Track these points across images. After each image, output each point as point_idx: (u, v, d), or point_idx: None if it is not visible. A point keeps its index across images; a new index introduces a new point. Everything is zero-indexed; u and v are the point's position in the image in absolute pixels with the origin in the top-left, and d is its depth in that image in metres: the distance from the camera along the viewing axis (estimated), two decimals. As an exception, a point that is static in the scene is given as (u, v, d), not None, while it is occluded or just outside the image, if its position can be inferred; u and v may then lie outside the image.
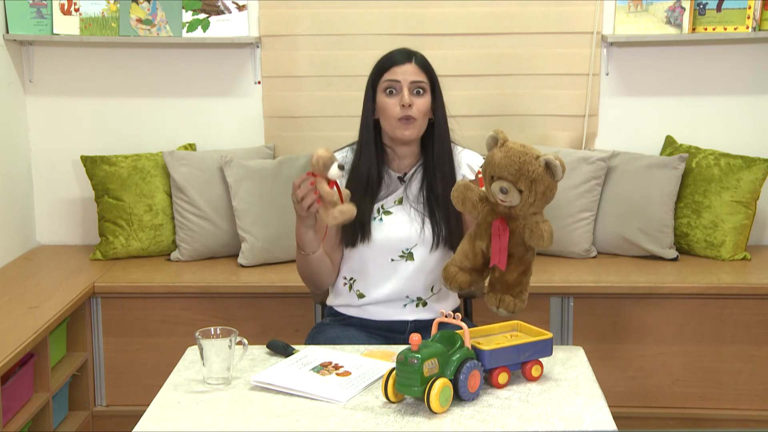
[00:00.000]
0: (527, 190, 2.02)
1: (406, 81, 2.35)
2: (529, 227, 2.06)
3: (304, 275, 2.41)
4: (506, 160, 2.02)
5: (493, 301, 2.15)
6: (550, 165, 2.01)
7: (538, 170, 2.01)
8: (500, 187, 2.04)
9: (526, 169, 2.01)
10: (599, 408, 1.84)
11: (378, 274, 2.41)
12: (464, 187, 2.16)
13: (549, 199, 2.06)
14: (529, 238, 2.07)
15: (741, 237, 3.43)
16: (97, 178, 3.50)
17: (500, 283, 2.15)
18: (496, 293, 2.15)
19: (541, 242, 2.06)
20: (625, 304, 3.21)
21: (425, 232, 2.39)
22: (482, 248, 2.14)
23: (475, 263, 2.16)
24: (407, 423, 1.77)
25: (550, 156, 2.01)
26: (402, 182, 2.44)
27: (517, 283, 2.14)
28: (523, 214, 2.07)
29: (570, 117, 3.67)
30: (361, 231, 2.38)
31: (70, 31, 3.57)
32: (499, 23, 3.63)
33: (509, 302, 2.13)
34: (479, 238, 2.14)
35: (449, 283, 2.19)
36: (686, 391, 3.25)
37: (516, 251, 2.10)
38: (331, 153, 2.10)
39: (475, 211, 2.14)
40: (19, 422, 2.70)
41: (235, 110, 3.73)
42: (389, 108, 2.36)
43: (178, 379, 2.01)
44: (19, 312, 2.92)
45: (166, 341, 3.24)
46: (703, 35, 3.53)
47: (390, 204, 2.42)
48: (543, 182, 2.02)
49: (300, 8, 3.63)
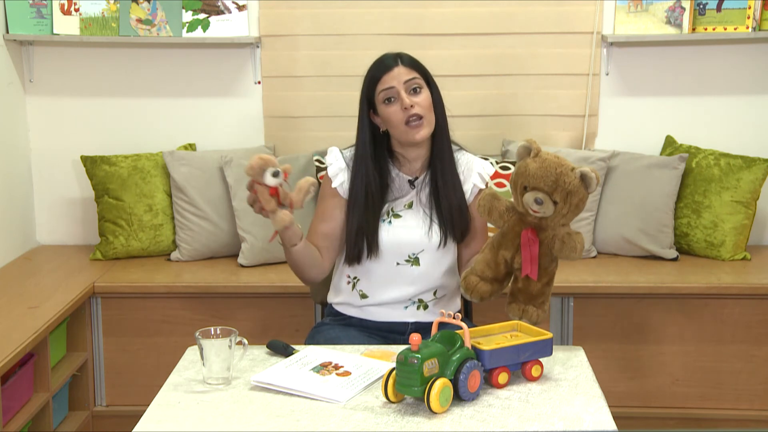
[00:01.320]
0: (562, 201, 2.02)
1: (400, 84, 2.34)
2: (560, 238, 2.04)
3: (292, 267, 2.39)
4: (542, 171, 2.01)
5: (516, 311, 2.15)
6: (585, 177, 2.01)
7: (575, 182, 2.01)
8: (535, 197, 2.02)
9: (562, 181, 2.00)
10: (599, 408, 1.84)
11: (383, 277, 2.40)
12: (491, 197, 2.14)
13: (580, 211, 2.06)
14: (560, 249, 2.05)
15: (741, 237, 3.43)
16: (97, 178, 3.50)
17: (523, 294, 2.14)
18: (519, 304, 2.15)
19: (573, 254, 2.04)
20: (625, 304, 3.21)
21: (432, 235, 2.38)
22: (506, 258, 2.13)
23: (497, 273, 2.15)
24: (407, 423, 1.77)
25: (586, 168, 2.01)
26: (412, 186, 2.43)
27: (540, 294, 2.14)
28: (552, 225, 2.06)
29: (570, 117, 3.67)
30: (368, 246, 2.36)
31: (70, 31, 3.57)
32: (499, 23, 3.63)
33: (532, 313, 2.13)
34: (504, 248, 2.12)
35: (470, 293, 2.18)
36: (686, 391, 3.25)
37: (542, 262, 2.09)
38: (265, 160, 2.04)
39: (501, 220, 2.12)
40: (19, 422, 2.70)
41: (235, 110, 3.73)
42: (394, 116, 2.33)
43: (178, 379, 2.01)
44: (19, 312, 2.92)
45: (166, 341, 3.24)
46: (703, 35, 3.53)
47: (400, 207, 2.41)
48: (578, 194, 2.02)
49: (300, 8, 3.63)
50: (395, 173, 2.42)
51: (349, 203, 2.39)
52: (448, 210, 2.38)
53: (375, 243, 2.36)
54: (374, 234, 2.36)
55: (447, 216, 2.38)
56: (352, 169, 2.40)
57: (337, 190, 2.41)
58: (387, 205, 2.40)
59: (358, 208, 2.36)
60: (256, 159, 2.05)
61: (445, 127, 2.42)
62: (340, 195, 2.41)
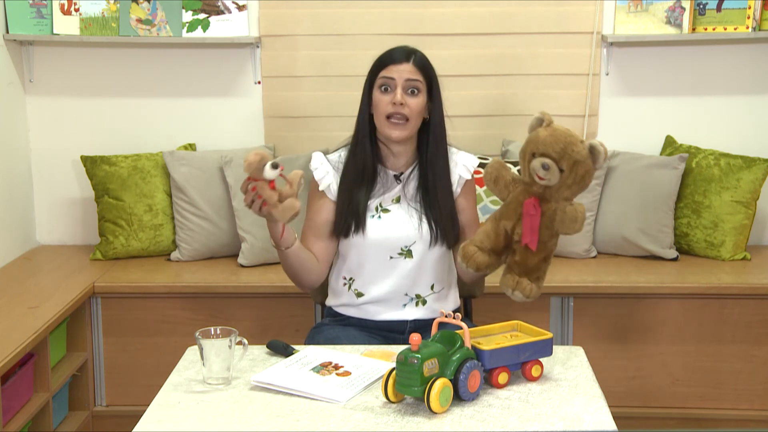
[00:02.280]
0: (568, 170, 2.02)
1: (401, 79, 2.35)
2: (561, 209, 2.03)
3: (289, 273, 2.40)
4: (552, 138, 2.03)
5: (510, 282, 2.11)
6: (594, 149, 2.02)
7: (583, 152, 2.02)
8: (542, 163, 2.02)
9: (570, 149, 2.01)
10: (599, 408, 1.84)
11: (376, 272, 2.41)
12: (499, 165, 2.13)
13: (584, 186, 2.05)
14: (561, 221, 2.03)
15: (741, 237, 3.43)
16: (97, 178, 3.50)
17: (519, 266, 2.11)
18: (513, 274, 2.11)
19: (574, 225, 2.03)
20: (625, 304, 3.21)
21: (423, 229, 2.39)
22: (507, 228, 2.10)
23: (496, 244, 2.12)
24: (407, 423, 1.77)
25: (596, 141, 2.02)
26: (398, 181, 2.44)
27: (537, 269, 2.11)
28: (556, 197, 2.05)
29: (570, 117, 3.67)
30: (355, 222, 2.38)
31: (70, 31, 3.57)
32: (499, 23, 3.63)
33: (526, 286, 2.09)
34: (505, 218, 2.10)
35: (467, 262, 2.14)
36: (686, 391, 3.25)
37: (542, 235, 2.06)
38: (261, 155, 2.06)
39: (506, 190, 2.12)
40: (19, 422, 2.70)
41: (235, 110, 3.73)
42: (381, 105, 2.36)
43: (178, 379, 2.01)
44: (19, 312, 2.92)
45: (166, 341, 3.24)
46: (703, 35, 3.53)
47: (388, 202, 2.42)
48: (584, 166, 2.02)
49: (300, 8, 3.63)
50: (381, 168, 2.44)
51: (343, 179, 2.41)
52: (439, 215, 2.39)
53: (363, 221, 2.38)
54: (363, 213, 2.38)
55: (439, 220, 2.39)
56: (351, 145, 2.43)
57: (325, 193, 2.42)
58: (375, 200, 2.41)
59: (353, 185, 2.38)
60: (252, 155, 2.06)
61: (441, 133, 2.42)
62: (329, 198, 2.42)
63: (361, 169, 2.40)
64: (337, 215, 2.40)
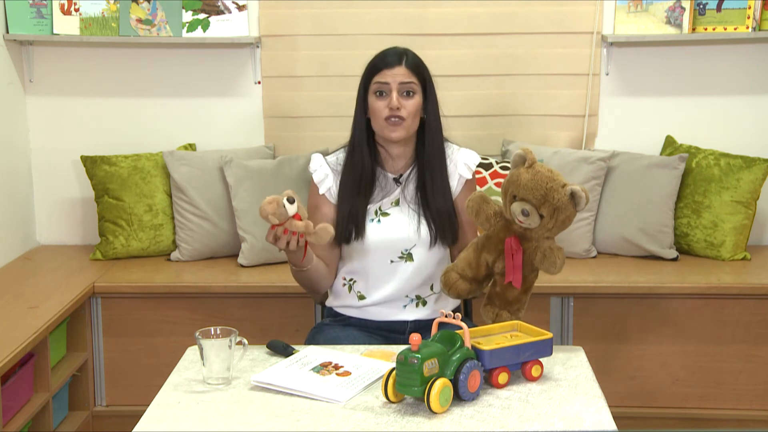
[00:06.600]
0: (548, 216, 2.04)
1: (395, 83, 2.36)
2: (542, 251, 2.07)
3: (305, 285, 2.43)
4: (533, 183, 2.03)
5: (491, 314, 2.18)
6: (575, 196, 2.03)
7: (563, 199, 2.03)
8: (522, 209, 2.04)
9: (551, 197, 2.02)
10: (599, 408, 1.84)
11: (378, 276, 2.42)
12: (480, 199, 2.16)
13: (566, 227, 2.08)
14: (540, 262, 2.08)
15: (741, 237, 3.43)
16: (97, 178, 3.50)
17: (500, 299, 2.16)
18: (494, 307, 2.17)
19: (553, 269, 2.07)
20: (625, 304, 3.21)
21: (421, 231, 2.39)
22: (488, 261, 2.15)
23: (477, 274, 2.18)
24: (407, 423, 1.77)
25: (576, 186, 2.03)
26: (398, 184, 2.44)
27: (517, 301, 2.17)
28: (537, 236, 2.08)
29: (570, 117, 3.67)
30: (355, 228, 2.38)
31: (70, 31, 3.57)
32: (499, 23, 3.63)
33: (506, 318, 2.15)
34: (487, 251, 2.14)
35: (448, 290, 2.21)
36: (686, 391, 3.25)
37: (523, 271, 2.12)
38: (274, 200, 2.07)
39: (487, 224, 2.15)
40: (19, 422, 2.70)
41: (235, 110, 3.73)
42: (378, 110, 2.37)
43: (178, 379, 2.01)
44: (19, 312, 2.92)
45: (166, 341, 3.24)
46: (703, 35, 3.53)
47: (387, 206, 2.42)
48: (565, 211, 2.04)
49: (300, 8, 3.63)
50: (380, 171, 2.44)
51: (342, 185, 2.41)
52: (437, 214, 2.40)
53: (362, 227, 2.38)
54: (363, 219, 2.39)
55: (436, 219, 2.39)
56: (348, 151, 2.43)
57: (326, 196, 2.43)
58: (375, 204, 2.41)
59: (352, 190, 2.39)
60: (266, 206, 2.06)
61: (437, 130, 2.43)
62: (329, 201, 2.42)
63: (360, 174, 2.41)
64: (337, 223, 2.40)
